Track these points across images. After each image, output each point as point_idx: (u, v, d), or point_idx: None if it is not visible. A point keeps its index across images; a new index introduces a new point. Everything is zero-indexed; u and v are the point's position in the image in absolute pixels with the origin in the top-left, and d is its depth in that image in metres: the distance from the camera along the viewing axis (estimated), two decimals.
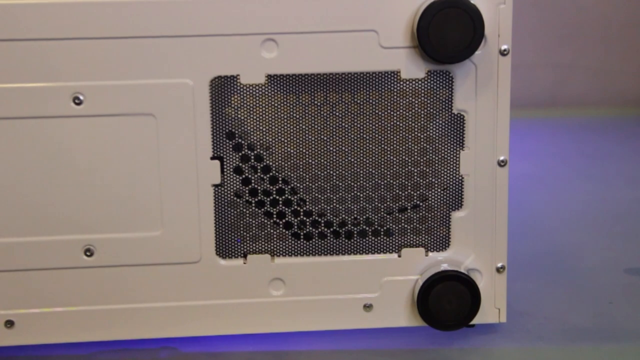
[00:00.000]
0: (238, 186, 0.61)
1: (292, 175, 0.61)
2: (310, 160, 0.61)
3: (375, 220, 0.62)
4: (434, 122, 0.61)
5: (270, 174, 0.61)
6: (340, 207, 0.62)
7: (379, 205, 0.62)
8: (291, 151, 0.61)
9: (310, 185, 0.62)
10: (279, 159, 0.61)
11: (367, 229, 0.63)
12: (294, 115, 0.60)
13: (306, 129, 0.61)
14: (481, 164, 0.61)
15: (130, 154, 0.59)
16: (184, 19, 0.57)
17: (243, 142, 0.61)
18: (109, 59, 0.57)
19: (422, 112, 0.61)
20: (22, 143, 0.58)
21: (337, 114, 0.61)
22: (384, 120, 0.61)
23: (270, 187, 0.61)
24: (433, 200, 0.62)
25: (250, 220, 0.62)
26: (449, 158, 0.61)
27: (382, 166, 0.62)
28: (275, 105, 0.60)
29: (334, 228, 0.62)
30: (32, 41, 0.57)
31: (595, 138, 1.34)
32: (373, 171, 0.62)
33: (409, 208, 0.62)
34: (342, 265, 0.62)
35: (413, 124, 0.61)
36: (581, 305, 0.70)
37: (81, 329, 0.61)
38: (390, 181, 0.62)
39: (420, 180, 0.62)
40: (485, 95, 0.60)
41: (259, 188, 0.61)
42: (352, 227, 0.62)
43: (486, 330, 0.66)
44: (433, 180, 0.62)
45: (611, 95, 1.57)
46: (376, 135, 0.61)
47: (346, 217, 0.62)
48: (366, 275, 0.62)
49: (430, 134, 0.61)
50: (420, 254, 0.62)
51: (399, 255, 0.62)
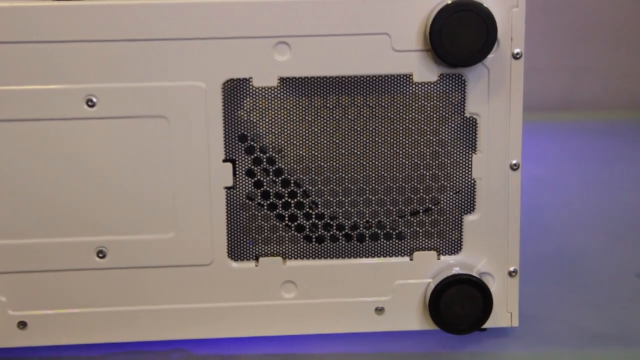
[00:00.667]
0: (250, 189, 0.61)
1: (304, 178, 0.61)
2: (322, 163, 0.61)
3: (387, 223, 0.62)
4: (446, 126, 0.61)
5: (283, 177, 0.61)
6: (352, 210, 0.62)
7: (391, 208, 0.62)
8: (303, 154, 0.61)
9: (322, 188, 0.62)
10: (291, 161, 0.61)
11: (379, 232, 0.62)
12: (306, 118, 0.60)
13: (318, 131, 0.61)
14: (493, 168, 0.61)
15: (142, 156, 0.59)
16: (197, 22, 0.57)
17: (255, 145, 0.61)
18: (121, 61, 0.57)
19: (435, 116, 0.61)
20: (35, 145, 0.58)
21: (349, 117, 0.61)
22: (396, 123, 0.61)
23: (282, 190, 0.61)
24: (445, 204, 0.62)
25: (262, 223, 0.62)
26: (461, 161, 0.61)
27: (394, 169, 0.61)
28: (288, 108, 0.60)
29: (346, 231, 0.62)
30: (46, 43, 0.57)
31: (608, 141, 1.34)
32: (385, 174, 0.61)
33: (421, 211, 0.62)
34: (354, 268, 0.62)
35: (425, 127, 0.61)
36: (594, 310, 0.70)
37: (93, 330, 0.62)
38: (403, 184, 0.62)
39: (433, 184, 0.62)
40: (498, 98, 0.60)
41: (271, 191, 0.61)
42: (364, 230, 0.62)
43: (498, 334, 0.65)
44: (445, 183, 0.62)
45: (624, 98, 1.56)
46: (388, 138, 0.61)
47: (358, 220, 0.62)
48: (378, 278, 0.62)
49: (443, 137, 0.61)
50: (432, 257, 0.62)
51: (411, 259, 0.62)
